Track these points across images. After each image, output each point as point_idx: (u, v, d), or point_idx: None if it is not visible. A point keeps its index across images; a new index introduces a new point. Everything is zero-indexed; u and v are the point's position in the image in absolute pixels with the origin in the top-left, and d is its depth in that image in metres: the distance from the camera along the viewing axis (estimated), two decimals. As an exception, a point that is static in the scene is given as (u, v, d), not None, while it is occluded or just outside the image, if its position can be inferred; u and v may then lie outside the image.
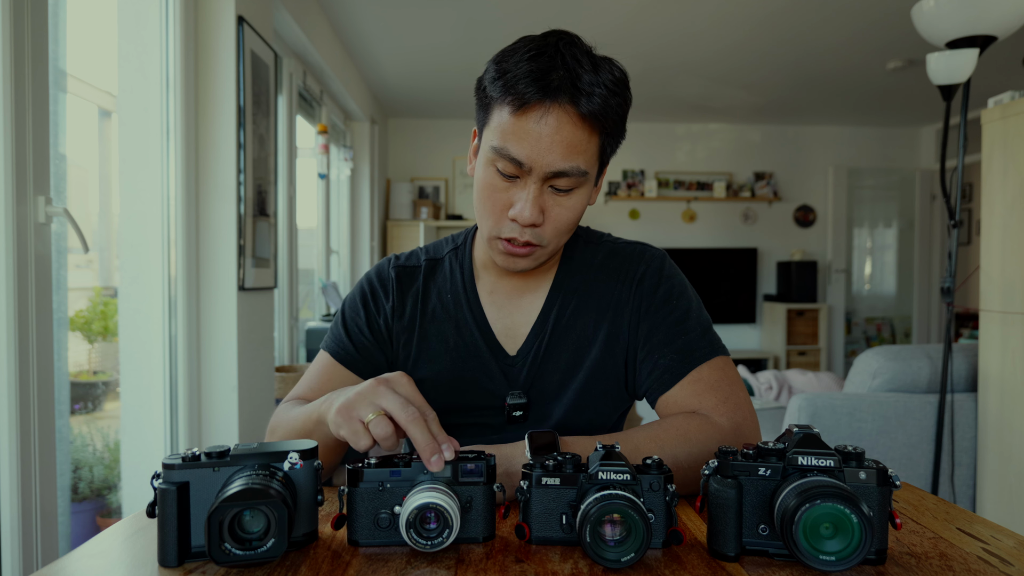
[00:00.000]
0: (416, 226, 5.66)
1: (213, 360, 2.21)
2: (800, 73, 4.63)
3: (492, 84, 0.82)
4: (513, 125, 0.80)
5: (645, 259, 0.97)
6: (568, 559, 0.60)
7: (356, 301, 0.98)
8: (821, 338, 6.01)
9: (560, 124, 0.79)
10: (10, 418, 1.34)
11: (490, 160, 0.83)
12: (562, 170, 0.81)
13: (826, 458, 0.58)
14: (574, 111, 0.79)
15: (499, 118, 0.81)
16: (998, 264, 2.30)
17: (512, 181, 0.83)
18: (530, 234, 0.84)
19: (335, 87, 4.01)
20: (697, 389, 0.87)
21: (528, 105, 0.79)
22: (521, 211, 0.82)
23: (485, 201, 0.86)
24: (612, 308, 0.95)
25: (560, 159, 0.80)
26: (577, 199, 0.85)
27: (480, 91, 0.85)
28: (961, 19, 2.21)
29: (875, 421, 2.31)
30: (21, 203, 1.36)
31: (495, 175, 0.84)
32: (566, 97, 0.78)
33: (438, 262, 1.00)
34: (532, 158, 0.80)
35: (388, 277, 0.98)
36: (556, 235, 0.86)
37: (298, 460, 0.62)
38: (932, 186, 6.31)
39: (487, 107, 0.84)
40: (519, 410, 0.92)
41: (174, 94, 2.05)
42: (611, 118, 0.82)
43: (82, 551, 0.61)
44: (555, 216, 0.84)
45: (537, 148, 0.79)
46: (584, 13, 3.53)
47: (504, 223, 0.85)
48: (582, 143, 0.81)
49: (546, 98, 0.78)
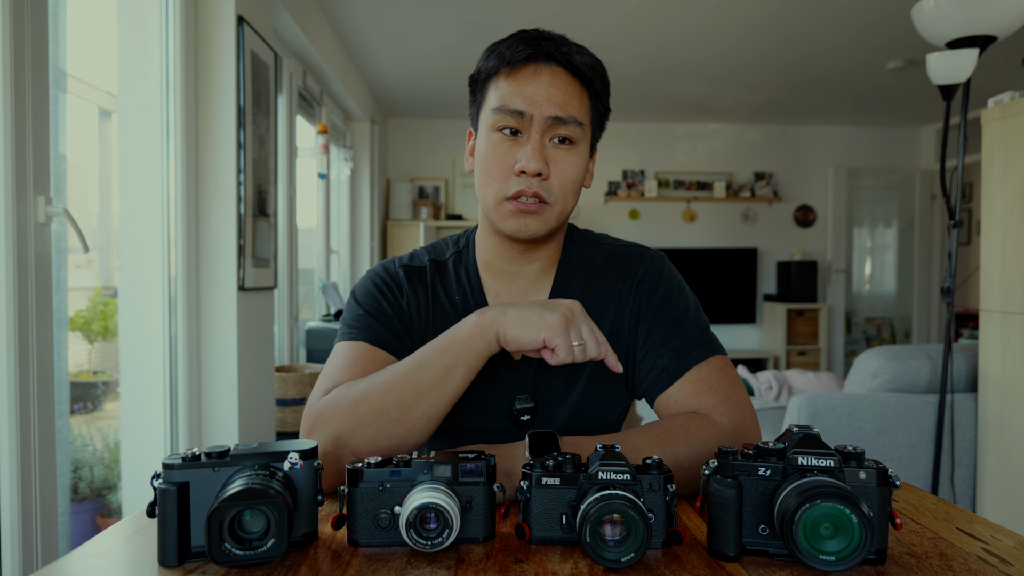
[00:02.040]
0: (416, 226, 5.66)
1: (213, 360, 2.21)
2: (800, 73, 4.63)
3: (484, 63, 0.90)
4: (511, 85, 0.87)
5: (645, 260, 0.98)
6: (568, 559, 0.60)
7: (372, 293, 0.95)
8: (821, 338, 6.01)
9: (553, 78, 0.87)
10: (10, 418, 1.34)
11: (491, 125, 0.88)
12: (559, 116, 0.86)
13: (826, 458, 0.58)
14: (564, 69, 0.87)
15: (496, 87, 0.88)
16: (998, 264, 2.30)
17: (515, 139, 0.87)
18: (538, 186, 0.87)
19: (335, 87, 4.01)
20: (697, 389, 0.87)
21: (521, 65, 0.87)
22: (528, 161, 0.85)
23: (490, 165, 0.88)
24: (613, 309, 0.95)
25: (556, 107, 0.86)
26: (577, 156, 0.89)
27: (474, 77, 0.92)
28: (961, 19, 2.21)
29: (875, 421, 2.31)
30: (21, 203, 1.36)
31: (498, 138, 0.88)
32: (555, 58, 0.87)
33: (442, 264, 1.00)
34: (531, 107, 0.86)
35: (398, 275, 0.97)
36: (562, 191, 0.89)
37: (298, 460, 0.62)
38: (932, 186, 6.31)
39: (483, 87, 0.91)
40: (527, 414, 0.92)
41: (174, 94, 2.05)
42: (599, 78, 0.90)
43: (82, 551, 0.61)
44: (559, 171, 0.88)
45: (535, 99, 0.86)
46: (584, 13, 3.53)
47: (510, 180, 0.87)
48: (575, 95, 0.88)
49: (538, 56, 0.87)
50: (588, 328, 0.77)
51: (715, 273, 6.16)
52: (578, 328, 0.77)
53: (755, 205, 6.28)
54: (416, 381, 0.78)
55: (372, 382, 0.80)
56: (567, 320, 0.76)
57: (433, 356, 0.79)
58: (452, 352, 0.78)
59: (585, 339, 0.76)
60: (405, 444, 0.79)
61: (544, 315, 0.76)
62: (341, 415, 0.78)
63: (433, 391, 0.78)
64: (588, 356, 0.76)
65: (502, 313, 0.78)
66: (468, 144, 0.96)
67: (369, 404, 0.77)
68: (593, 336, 0.77)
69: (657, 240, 6.16)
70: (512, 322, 0.77)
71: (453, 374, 0.78)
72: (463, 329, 0.79)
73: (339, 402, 0.79)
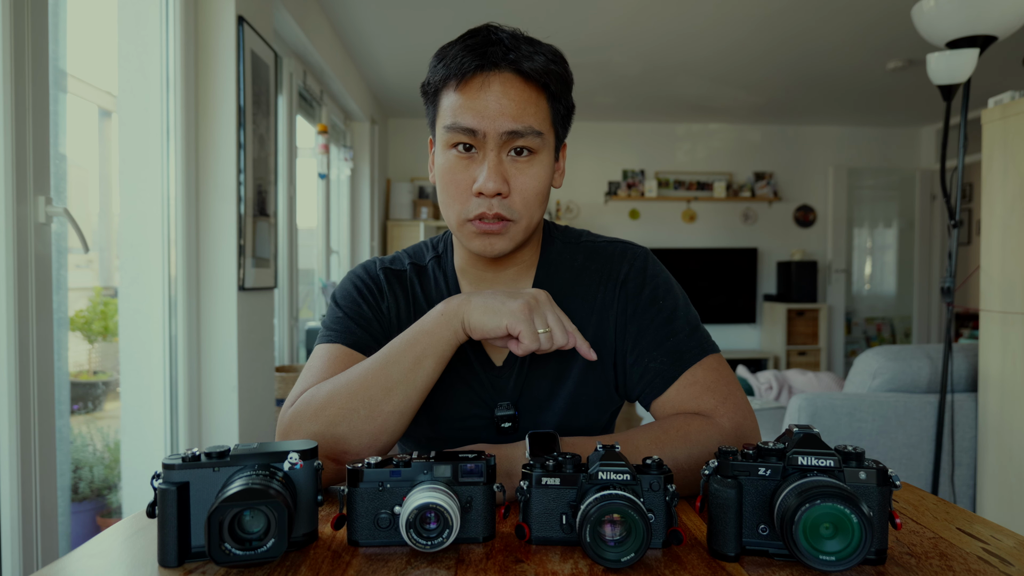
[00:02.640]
0: (416, 226, 5.66)
1: (213, 360, 2.21)
2: (800, 73, 4.63)
3: (433, 72, 0.84)
4: (459, 99, 0.82)
5: (627, 259, 0.95)
6: (568, 559, 0.60)
7: (352, 295, 0.94)
8: (821, 338, 6.01)
9: (505, 87, 0.81)
10: (10, 418, 1.34)
11: (446, 143, 0.84)
12: (515, 130, 0.81)
13: (826, 458, 0.58)
14: (515, 74, 0.82)
15: (447, 101, 0.83)
16: (998, 264, 2.30)
17: (471, 157, 0.83)
18: (499, 205, 0.83)
19: (335, 87, 4.01)
20: (694, 392, 0.86)
21: (470, 76, 0.81)
22: (485, 182, 0.81)
23: (448, 186, 0.85)
24: (597, 311, 0.93)
25: (511, 120, 0.81)
26: (539, 167, 0.84)
27: (425, 89, 0.87)
28: (961, 19, 2.21)
29: (875, 421, 2.31)
30: (21, 203, 1.36)
31: (453, 156, 0.84)
32: (505, 64, 0.81)
33: (422, 268, 0.98)
34: (483, 124, 0.81)
35: (378, 278, 0.96)
36: (525, 206, 0.84)
37: (298, 460, 0.62)
38: (932, 186, 6.31)
39: (435, 99, 0.86)
40: (507, 421, 0.89)
41: (174, 94, 2.05)
42: (554, 80, 0.84)
43: (82, 551, 0.61)
44: (520, 186, 0.83)
45: (486, 113, 0.81)
46: (584, 13, 3.53)
47: (470, 201, 0.84)
48: (531, 103, 0.82)
49: (485, 66, 0.81)
50: (555, 316, 0.76)
51: (715, 273, 6.16)
52: (543, 315, 0.76)
53: (755, 205, 6.28)
54: (385, 376, 0.77)
55: (339, 382, 0.79)
56: (530, 307, 0.75)
57: (401, 349, 0.78)
58: (420, 343, 0.78)
59: (552, 326, 0.75)
60: (378, 441, 0.77)
61: (507, 302, 0.75)
62: (310, 419, 0.77)
63: (403, 384, 0.77)
64: (556, 344, 0.75)
65: (466, 301, 0.77)
66: (430, 154, 0.92)
67: (337, 404, 0.77)
68: (560, 324, 0.76)
69: (657, 240, 6.16)
70: (476, 310, 0.76)
71: (423, 365, 0.77)
72: (429, 320, 0.79)
73: (308, 406, 0.78)
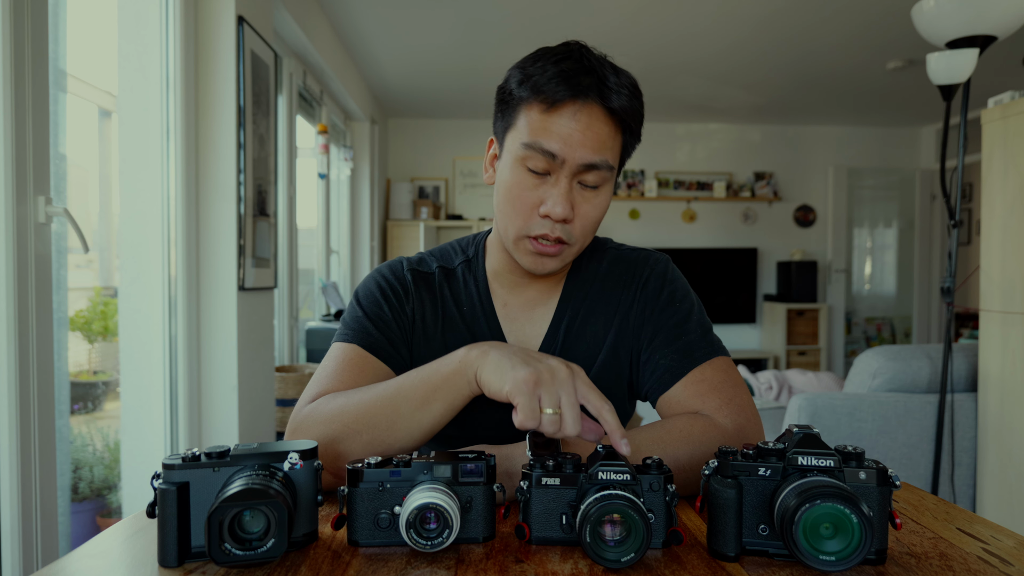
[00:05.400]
0: (416, 226, 5.66)
1: (213, 360, 2.21)
2: (800, 73, 4.63)
3: (519, 87, 0.84)
4: (545, 122, 0.82)
5: (649, 264, 0.98)
6: (568, 559, 0.60)
7: (375, 295, 0.94)
8: (821, 338, 6.01)
9: (591, 120, 0.82)
10: (10, 418, 1.34)
11: (519, 159, 0.85)
12: (593, 163, 0.83)
13: (826, 458, 0.58)
14: (603, 108, 0.83)
15: (528, 118, 0.84)
16: (998, 264, 2.30)
17: (542, 179, 0.84)
18: (560, 230, 0.85)
19: (335, 87, 4.01)
20: (700, 390, 0.87)
21: (560, 103, 0.82)
22: (554, 206, 0.83)
23: (514, 201, 0.86)
24: (619, 313, 0.96)
25: (591, 152, 0.82)
26: (603, 196, 0.87)
27: (504, 96, 0.87)
28: (961, 19, 2.21)
29: (875, 421, 2.31)
30: (21, 203, 1.36)
31: (524, 173, 0.85)
32: (595, 96, 0.82)
33: (451, 272, 0.99)
34: (565, 151, 0.82)
35: (405, 279, 0.96)
36: (583, 233, 0.87)
37: (298, 460, 0.62)
38: (932, 186, 6.31)
39: (514, 110, 0.86)
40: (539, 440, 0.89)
41: (174, 94, 2.05)
42: (634, 118, 0.86)
43: (82, 551, 0.61)
44: (584, 213, 0.86)
45: (570, 142, 0.82)
46: (584, 13, 3.53)
47: (534, 220, 0.85)
48: (610, 138, 0.84)
49: (578, 96, 0.81)
50: (571, 399, 0.66)
51: (715, 273, 6.16)
52: (554, 394, 0.67)
53: (755, 205, 6.28)
54: (392, 408, 0.76)
55: (351, 400, 0.78)
56: (538, 380, 0.67)
57: (413, 385, 0.76)
58: (431, 384, 0.76)
59: (564, 410, 0.66)
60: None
61: (516, 367, 0.69)
62: (317, 427, 0.78)
63: (407, 420, 0.75)
64: (565, 433, 0.66)
65: (484, 354, 0.73)
66: (488, 153, 0.93)
67: (342, 421, 0.76)
68: (574, 410, 0.66)
69: (657, 240, 6.16)
70: (489, 365, 0.72)
71: (431, 407, 0.75)
72: (448, 364, 0.76)
73: (317, 414, 0.79)
